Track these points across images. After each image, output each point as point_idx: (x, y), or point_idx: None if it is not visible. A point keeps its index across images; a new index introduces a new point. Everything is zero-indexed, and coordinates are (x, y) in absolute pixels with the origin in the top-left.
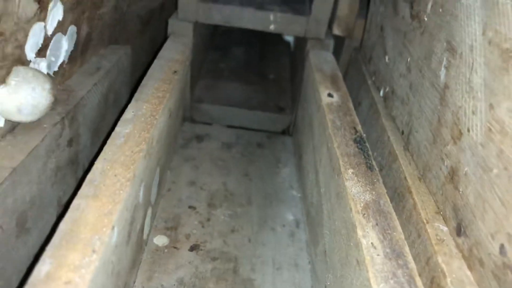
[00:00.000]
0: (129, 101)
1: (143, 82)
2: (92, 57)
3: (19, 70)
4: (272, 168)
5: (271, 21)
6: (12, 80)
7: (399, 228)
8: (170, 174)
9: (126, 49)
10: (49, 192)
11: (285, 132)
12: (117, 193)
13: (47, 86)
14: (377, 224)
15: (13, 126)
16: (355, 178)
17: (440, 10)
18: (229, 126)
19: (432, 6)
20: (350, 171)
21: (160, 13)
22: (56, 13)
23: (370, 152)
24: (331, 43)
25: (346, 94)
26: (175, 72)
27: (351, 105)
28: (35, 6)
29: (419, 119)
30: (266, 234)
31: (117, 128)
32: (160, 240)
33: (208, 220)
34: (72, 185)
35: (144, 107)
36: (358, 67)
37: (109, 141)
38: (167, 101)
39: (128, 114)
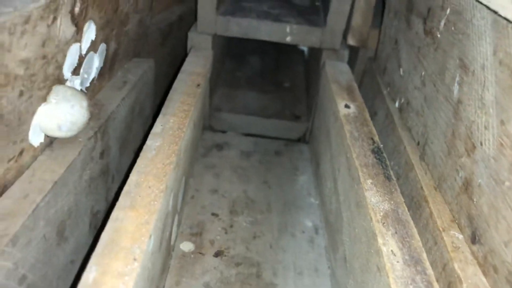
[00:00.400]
0: (155, 112)
1: (169, 96)
2: (118, 71)
3: (59, 89)
4: (290, 176)
5: (288, 32)
6: (52, 98)
7: (417, 236)
8: (193, 182)
9: (150, 62)
10: (84, 202)
11: (300, 139)
12: (152, 203)
13: (85, 103)
14: (396, 232)
15: (51, 140)
16: (374, 188)
17: (453, 28)
18: (247, 134)
19: (445, 24)
20: (369, 181)
21: (179, 25)
22: (90, 33)
23: (387, 162)
24: (346, 53)
25: (362, 105)
26: (198, 85)
27: (367, 115)
28: (73, 29)
29: (434, 131)
30: (287, 240)
31: (148, 142)
32: (187, 246)
33: (231, 226)
34: (103, 194)
35: (172, 120)
36: (373, 77)
37: (141, 154)
38: (192, 114)
39: (157, 128)
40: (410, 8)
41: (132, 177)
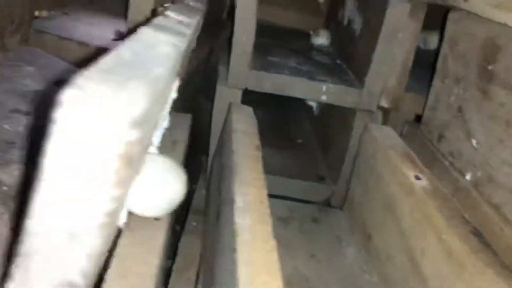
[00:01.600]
0: None
1: (235, 160)
2: None
3: (154, 158)
4: (336, 248)
5: (323, 92)
6: (148, 169)
7: None
8: None
9: (188, 119)
10: None
11: (322, 202)
12: None
13: (184, 178)
14: None
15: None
16: (499, 280)
17: None
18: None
19: None
20: (490, 271)
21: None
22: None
23: (493, 248)
24: (379, 115)
25: (433, 177)
26: (258, 148)
27: (444, 190)
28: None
29: None
30: None
31: (236, 219)
32: None
33: None
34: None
35: (250, 192)
36: (420, 144)
37: (238, 238)
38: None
39: (239, 201)
40: (487, 78)
41: (241, 268)
